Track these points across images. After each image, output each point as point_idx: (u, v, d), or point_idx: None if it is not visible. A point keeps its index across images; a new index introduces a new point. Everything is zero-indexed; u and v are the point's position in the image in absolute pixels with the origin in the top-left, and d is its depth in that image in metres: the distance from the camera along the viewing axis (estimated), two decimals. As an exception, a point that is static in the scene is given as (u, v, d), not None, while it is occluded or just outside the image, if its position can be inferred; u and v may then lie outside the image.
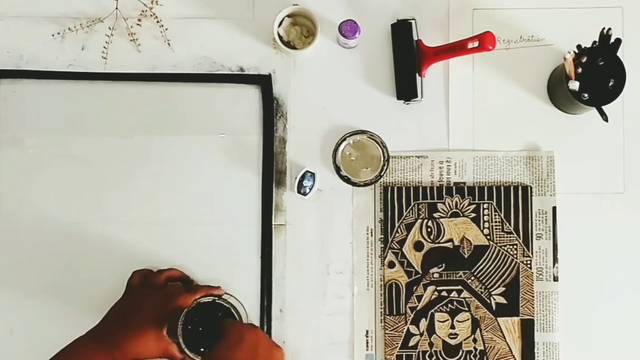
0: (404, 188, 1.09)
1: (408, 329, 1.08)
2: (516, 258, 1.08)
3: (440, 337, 1.08)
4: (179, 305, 0.98)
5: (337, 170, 1.06)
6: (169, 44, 1.10)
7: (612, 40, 1.02)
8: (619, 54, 1.02)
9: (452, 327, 1.08)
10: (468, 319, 1.08)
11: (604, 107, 1.02)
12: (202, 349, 0.99)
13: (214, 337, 0.97)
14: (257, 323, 1.08)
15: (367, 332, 1.09)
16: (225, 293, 1.06)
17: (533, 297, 1.08)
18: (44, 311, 1.04)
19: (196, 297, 1.00)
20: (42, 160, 1.09)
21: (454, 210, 1.09)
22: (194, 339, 0.99)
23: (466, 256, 1.08)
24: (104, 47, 1.10)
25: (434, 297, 1.08)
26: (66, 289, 1.07)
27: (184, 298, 0.99)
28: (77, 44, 1.10)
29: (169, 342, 0.97)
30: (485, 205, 1.09)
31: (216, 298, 1.01)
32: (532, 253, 1.09)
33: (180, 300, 0.99)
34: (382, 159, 1.06)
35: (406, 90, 1.09)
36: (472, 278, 1.08)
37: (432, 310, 1.08)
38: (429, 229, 1.09)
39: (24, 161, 1.09)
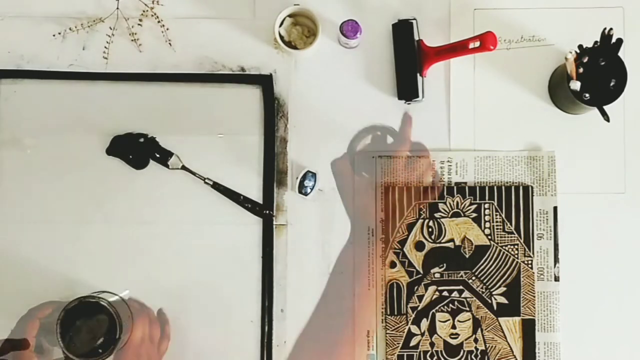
0: (405, 188, 1.09)
1: (409, 329, 1.08)
2: (517, 258, 1.08)
3: (441, 337, 1.08)
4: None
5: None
6: (170, 44, 1.10)
7: (613, 40, 1.02)
8: (620, 54, 1.02)
9: (453, 327, 1.08)
10: (469, 319, 1.08)
11: (605, 107, 1.02)
12: (100, 350, 0.98)
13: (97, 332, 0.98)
14: (257, 323, 1.08)
15: (368, 332, 1.08)
16: (101, 292, 1.05)
17: (534, 297, 1.08)
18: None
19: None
20: (42, 160, 1.09)
21: (455, 210, 1.09)
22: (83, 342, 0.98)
23: (467, 256, 1.08)
24: (105, 47, 1.10)
25: (435, 297, 1.08)
26: (66, 288, 1.07)
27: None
28: (78, 44, 1.10)
29: None
30: (487, 205, 1.09)
31: (82, 299, 0.98)
32: (533, 253, 1.09)
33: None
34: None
35: (407, 90, 1.09)
36: (473, 278, 1.08)
37: (433, 310, 1.08)
38: (430, 229, 1.09)
39: (24, 161, 1.09)
